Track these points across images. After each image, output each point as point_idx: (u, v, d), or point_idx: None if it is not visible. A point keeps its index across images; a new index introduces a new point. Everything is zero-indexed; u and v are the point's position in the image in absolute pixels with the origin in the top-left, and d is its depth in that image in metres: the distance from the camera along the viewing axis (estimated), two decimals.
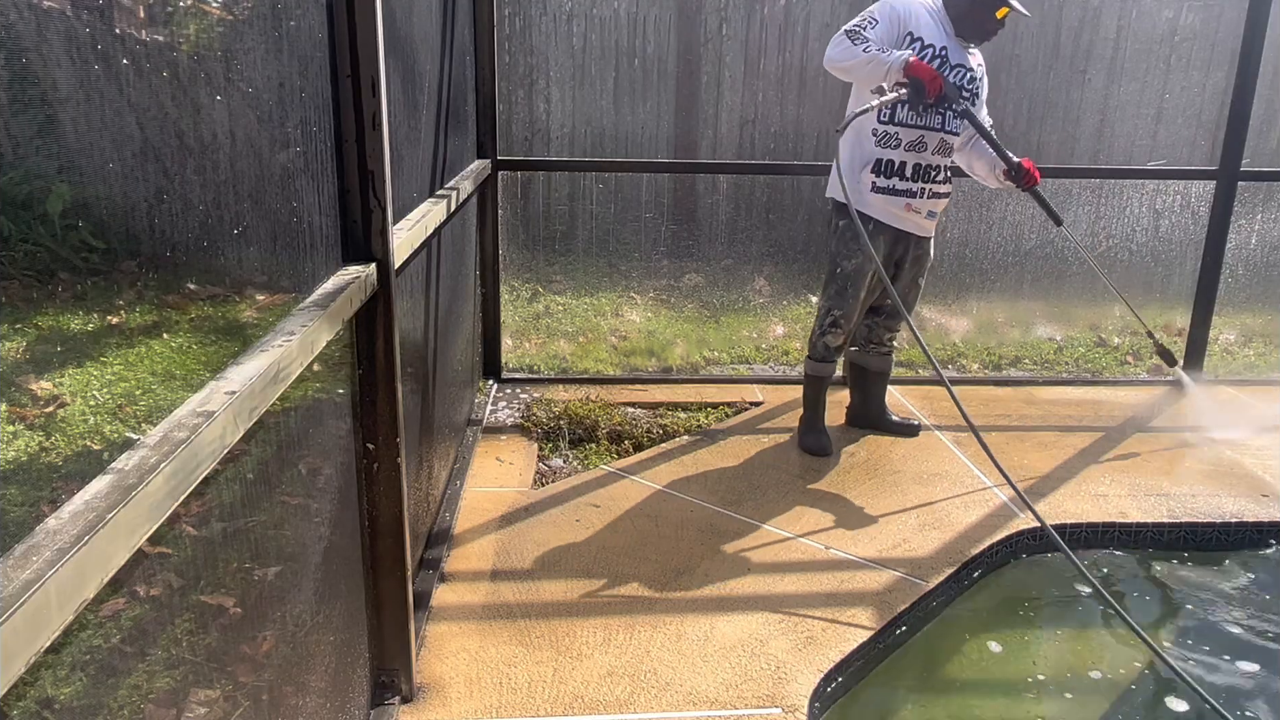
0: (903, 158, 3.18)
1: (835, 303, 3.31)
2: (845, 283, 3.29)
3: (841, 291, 3.30)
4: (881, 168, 3.19)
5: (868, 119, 3.14)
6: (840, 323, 3.32)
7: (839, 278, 3.30)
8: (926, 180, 3.23)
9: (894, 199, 3.21)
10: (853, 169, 3.22)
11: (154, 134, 1.15)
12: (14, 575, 0.76)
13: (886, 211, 3.22)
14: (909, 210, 3.24)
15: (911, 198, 3.23)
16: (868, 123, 3.15)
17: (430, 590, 2.47)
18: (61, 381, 1.87)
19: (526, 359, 4.37)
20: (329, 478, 1.70)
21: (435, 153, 2.74)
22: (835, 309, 3.31)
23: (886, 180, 3.20)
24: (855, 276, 3.28)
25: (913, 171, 3.20)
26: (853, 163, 3.23)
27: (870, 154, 3.20)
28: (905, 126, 3.16)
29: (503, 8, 3.92)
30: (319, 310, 1.47)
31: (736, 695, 2.12)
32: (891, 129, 3.16)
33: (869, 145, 3.19)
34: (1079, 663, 2.38)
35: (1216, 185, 4.18)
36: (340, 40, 1.64)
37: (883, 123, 3.15)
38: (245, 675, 1.35)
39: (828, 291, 3.34)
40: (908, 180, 3.21)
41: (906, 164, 3.19)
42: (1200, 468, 3.40)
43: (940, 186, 3.27)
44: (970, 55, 3.23)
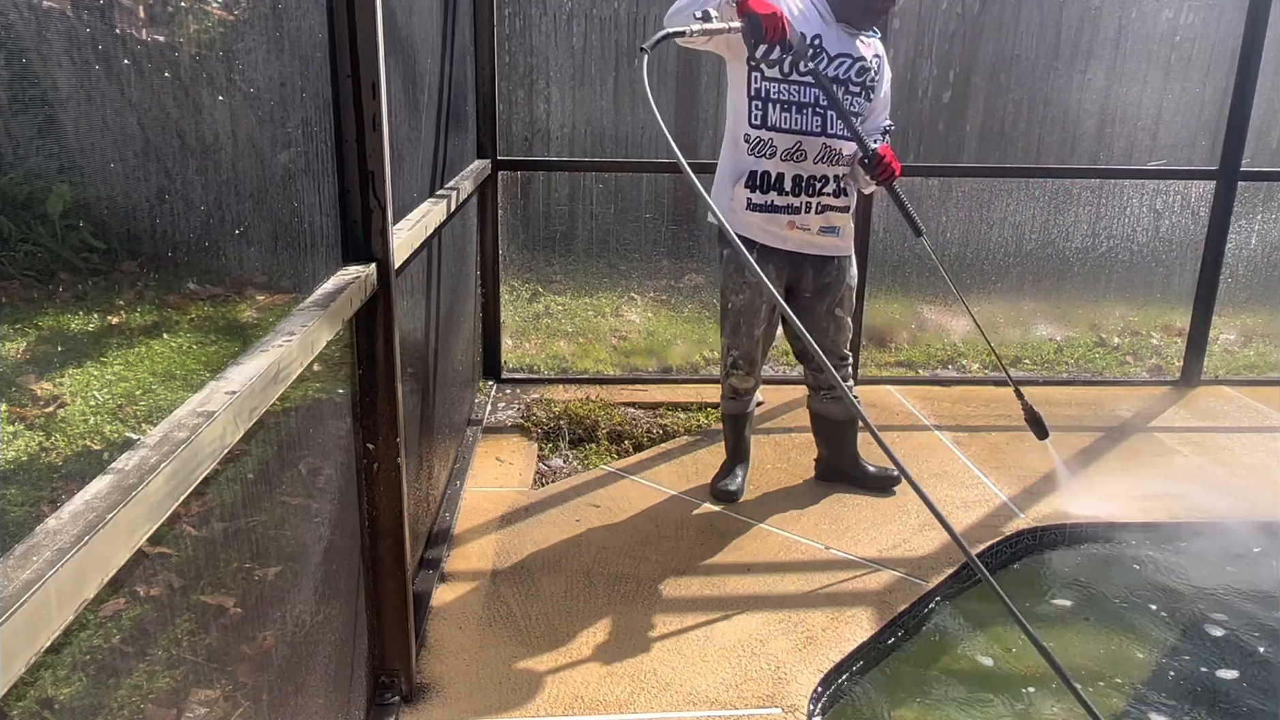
0: (779, 168, 2.73)
1: (731, 340, 2.95)
2: (738, 319, 2.90)
3: (736, 329, 2.92)
4: (756, 181, 2.74)
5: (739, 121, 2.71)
6: (740, 363, 2.97)
7: (730, 314, 2.91)
8: (811, 194, 2.77)
9: (774, 216, 2.78)
10: (724, 184, 2.79)
11: (154, 134, 1.15)
12: (14, 575, 0.76)
13: (767, 232, 2.79)
14: (792, 229, 2.80)
15: (794, 214, 2.78)
16: (738, 127, 2.73)
17: (430, 590, 2.47)
18: (61, 381, 1.87)
19: (526, 359, 4.37)
20: (329, 478, 1.70)
21: (435, 152, 2.74)
22: (733, 348, 2.96)
23: (763, 195, 2.75)
24: (745, 312, 2.88)
25: (792, 184, 2.74)
26: (724, 177, 2.80)
27: (743, 165, 2.75)
28: (779, 132, 2.70)
29: (503, 8, 3.92)
30: (319, 310, 1.47)
31: (736, 695, 2.12)
32: (765, 135, 2.70)
33: (740, 155, 2.75)
34: (1079, 662, 2.38)
35: (1216, 185, 4.19)
36: (340, 40, 1.64)
37: (754, 126, 2.70)
38: (245, 675, 1.35)
39: (724, 328, 2.98)
40: (787, 194, 2.75)
41: (784, 175, 2.73)
42: (1200, 468, 3.40)
43: (832, 199, 2.80)
44: (861, 44, 2.75)
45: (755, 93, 2.69)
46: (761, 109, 2.69)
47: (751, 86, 2.69)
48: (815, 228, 2.81)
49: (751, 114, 2.69)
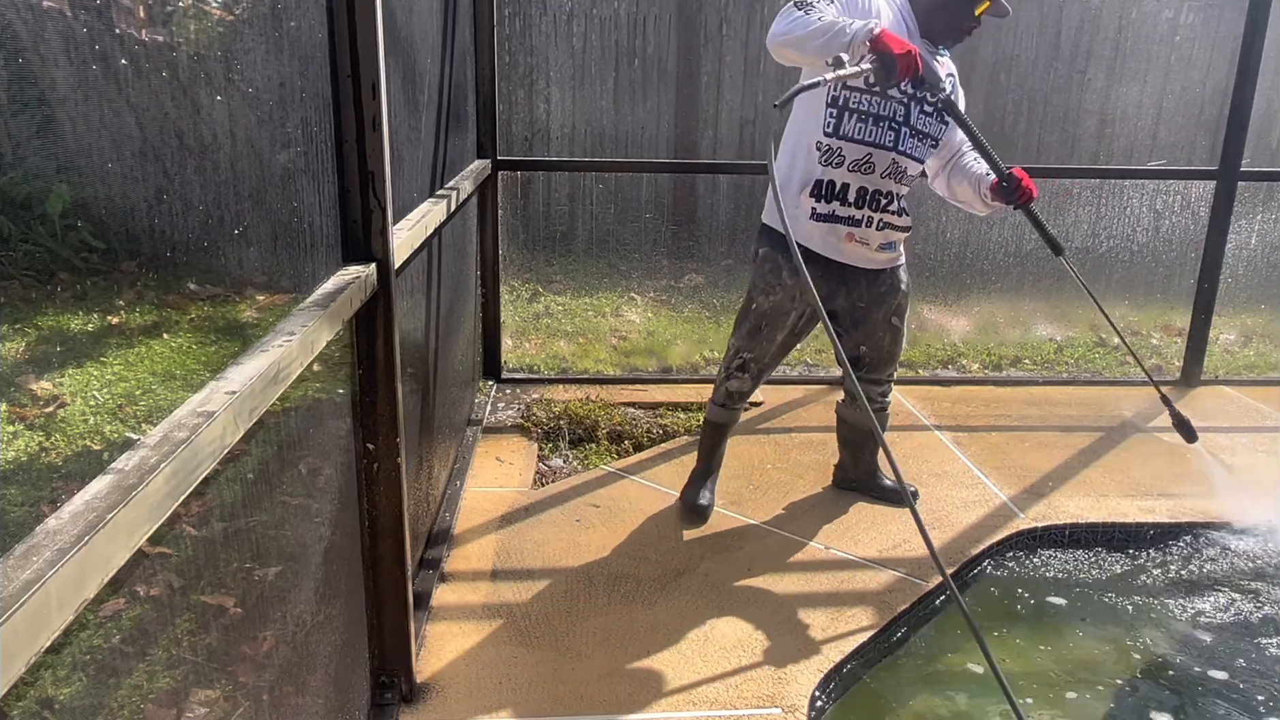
0: (845, 179, 2.64)
1: (746, 343, 2.82)
2: (760, 321, 2.79)
3: (755, 332, 2.80)
4: (822, 190, 2.65)
5: (811, 128, 2.63)
6: (749, 366, 2.85)
7: (753, 315, 2.80)
8: (875, 208, 2.68)
9: (834, 227, 2.69)
10: (789, 191, 2.69)
11: (154, 134, 1.15)
12: (14, 575, 0.76)
13: (826, 243, 2.70)
14: (851, 241, 2.70)
15: (855, 226, 2.69)
16: (809, 135, 2.63)
17: (430, 590, 2.47)
18: (61, 381, 1.87)
19: (526, 359, 4.37)
20: (329, 478, 1.70)
21: (435, 152, 2.74)
22: (745, 350, 2.83)
23: (826, 205, 2.66)
24: (772, 315, 2.78)
25: (856, 196, 2.66)
26: (789, 184, 2.69)
27: (810, 173, 2.65)
28: (851, 142, 2.61)
29: (503, 8, 3.92)
30: (319, 310, 1.47)
31: (736, 695, 2.12)
32: (836, 143, 2.61)
33: (809, 162, 2.65)
34: (1080, 662, 2.38)
35: (1216, 185, 4.19)
36: (340, 40, 1.64)
37: (827, 135, 2.61)
38: (245, 675, 1.35)
39: (739, 329, 2.85)
40: (850, 206, 2.67)
41: (850, 186, 2.64)
42: (1200, 467, 3.40)
43: (895, 218, 2.72)
44: (939, 63, 2.66)
45: (833, 100, 2.59)
46: (837, 117, 2.59)
47: (830, 93, 2.59)
48: (875, 244, 2.72)
49: (826, 121, 2.60)
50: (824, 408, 3.91)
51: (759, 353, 2.83)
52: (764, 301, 2.77)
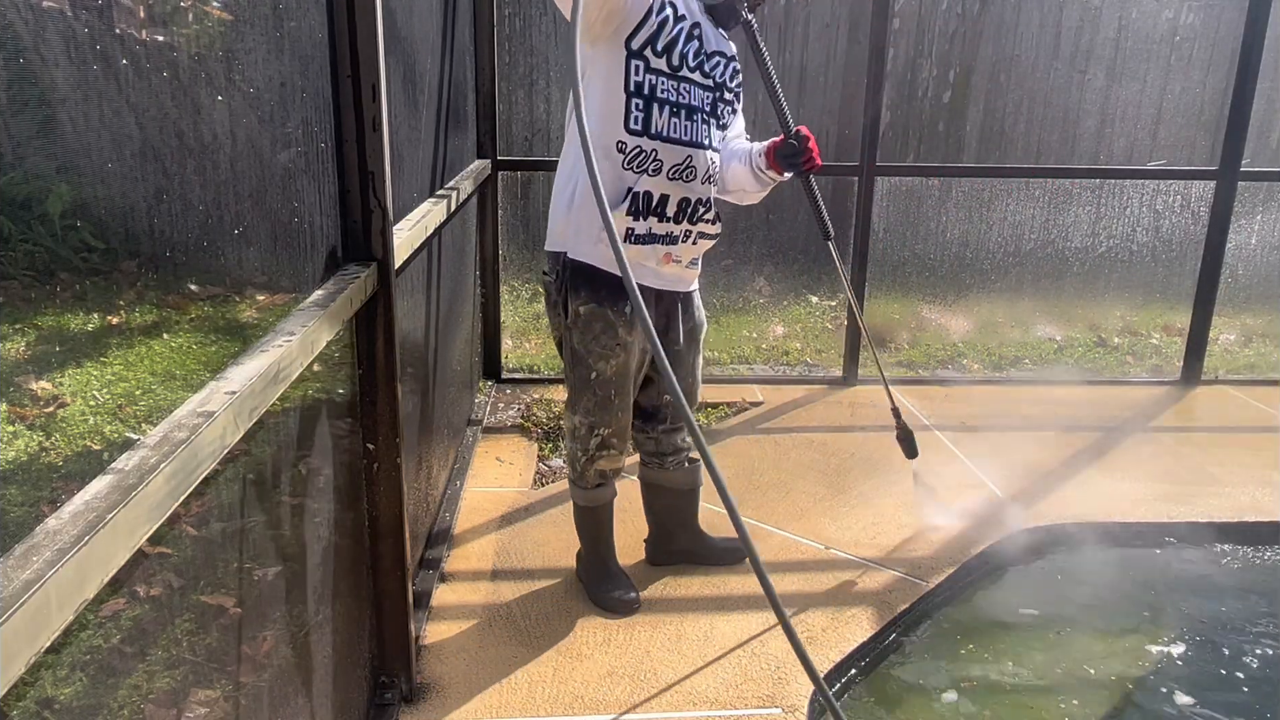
0: (664, 189, 2.17)
1: (598, 418, 2.32)
2: (608, 390, 2.29)
3: (604, 404, 2.30)
4: (639, 205, 2.15)
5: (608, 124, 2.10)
6: (612, 441, 2.36)
7: (596, 385, 2.28)
8: (693, 220, 2.26)
9: (651, 249, 2.22)
10: (585, 209, 2.16)
11: (154, 134, 1.15)
12: (14, 575, 0.76)
13: (643, 269, 2.23)
14: (668, 262, 2.27)
15: (671, 244, 2.24)
16: (607, 133, 2.10)
17: (430, 590, 2.47)
18: (61, 381, 1.87)
19: (526, 359, 4.37)
20: (329, 478, 1.70)
21: (435, 152, 2.74)
22: (600, 426, 2.33)
23: (644, 223, 2.18)
24: (620, 379, 2.29)
25: (676, 209, 2.21)
26: (587, 200, 2.15)
27: (618, 183, 2.13)
28: (667, 143, 2.14)
29: (503, 8, 3.92)
30: (319, 310, 1.47)
31: (736, 695, 2.12)
32: (648, 145, 2.12)
33: (612, 169, 2.12)
34: (1080, 663, 2.38)
35: (1216, 185, 4.18)
36: (340, 41, 1.64)
37: (634, 133, 2.10)
38: (245, 675, 1.35)
39: (581, 404, 2.32)
40: (668, 221, 2.21)
41: (669, 198, 2.18)
42: (1200, 468, 3.40)
43: (709, 227, 2.31)
44: (727, 43, 2.28)
45: (636, 88, 2.09)
46: (644, 110, 2.10)
47: (631, 79, 2.08)
48: (686, 259, 2.31)
49: (630, 116, 2.10)
50: (824, 407, 3.91)
51: (617, 423, 2.35)
52: (606, 367, 2.26)
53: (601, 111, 2.10)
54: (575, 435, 2.39)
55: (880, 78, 3.89)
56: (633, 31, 2.06)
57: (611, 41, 2.06)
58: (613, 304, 2.21)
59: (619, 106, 2.09)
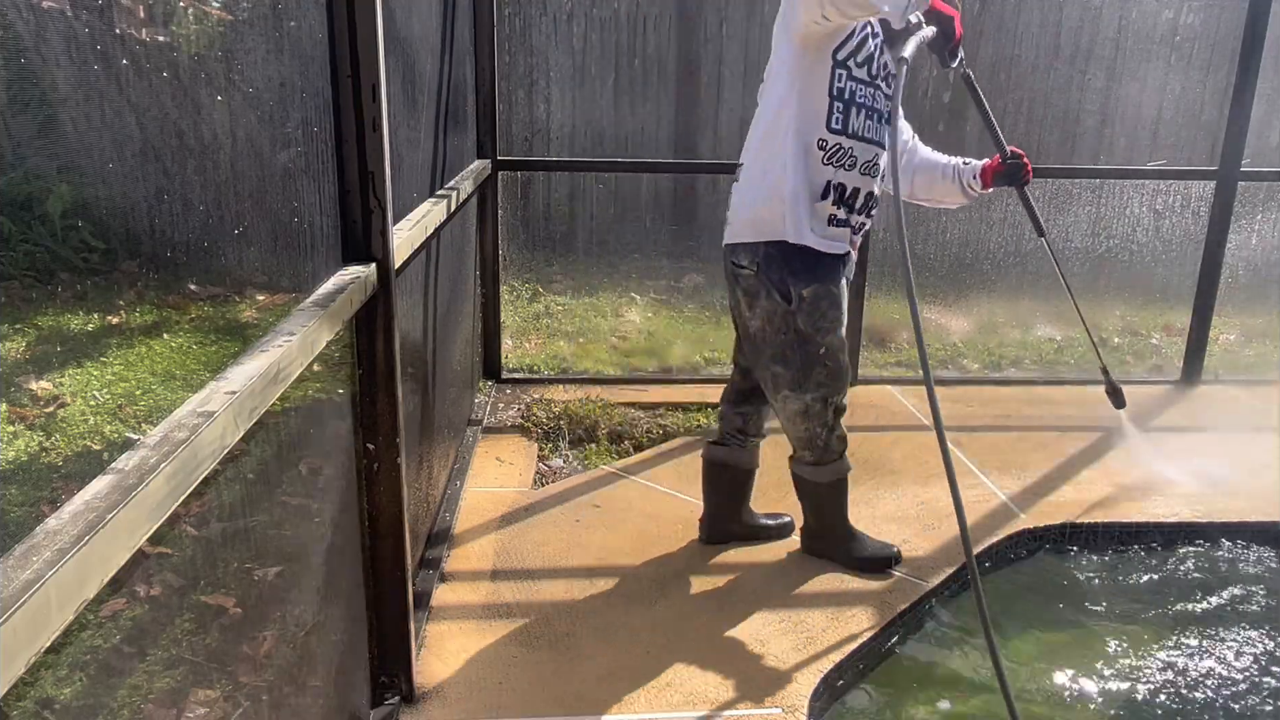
0: (856, 183, 2.42)
1: (831, 388, 2.49)
2: (836, 358, 2.48)
3: (835, 372, 2.48)
4: (838, 196, 2.42)
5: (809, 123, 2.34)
6: (843, 405, 2.54)
7: (825, 358, 2.46)
8: (869, 213, 2.52)
9: (846, 232, 2.49)
10: (798, 199, 2.38)
11: (154, 134, 1.15)
12: (14, 575, 0.76)
13: (842, 246, 2.49)
14: (853, 249, 2.55)
15: (856, 234, 2.52)
16: (808, 131, 2.35)
17: (430, 590, 2.48)
18: (61, 381, 1.87)
19: (526, 359, 4.38)
20: (329, 478, 1.70)
21: (435, 153, 2.74)
22: (834, 395, 2.50)
23: (843, 211, 2.44)
24: (842, 346, 2.51)
25: (861, 201, 2.47)
26: (799, 190, 2.38)
27: (820, 176, 2.39)
28: (861, 141, 2.39)
29: (503, 8, 3.93)
30: (319, 310, 1.47)
31: (736, 695, 2.12)
32: (846, 143, 2.37)
33: (811, 164, 2.38)
34: (1080, 662, 2.38)
35: (1216, 185, 4.18)
36: (340, 41, 1.64)
37: (835, 131, 2.36)
38: (245, 675, 1.35)
39: (811, 381, 2.46)
40: (854, 213, 2.47)
41: (859, 191, 2.44)
42: (1200, 468, 3.40)
43: (871, 222, 2.58)
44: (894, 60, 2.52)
45: (838, 93, 2.35)
46: (844, 112, 2.35)
47: (835, 85, 2.35)
48: (856, 248, 2.57)
49: (832, 116, 2.35)
50: None
51: (844, 386, 2.55)
52: (833, 340, 2.47)
53: (805, 111, 2.35)
54: (810, 414, 2.51)
55: None
56: (840, 44, 2.32)
57: (820, 52, 2.32)
58: (834, 281, 2.44)
59: (822, 108, 2.34)
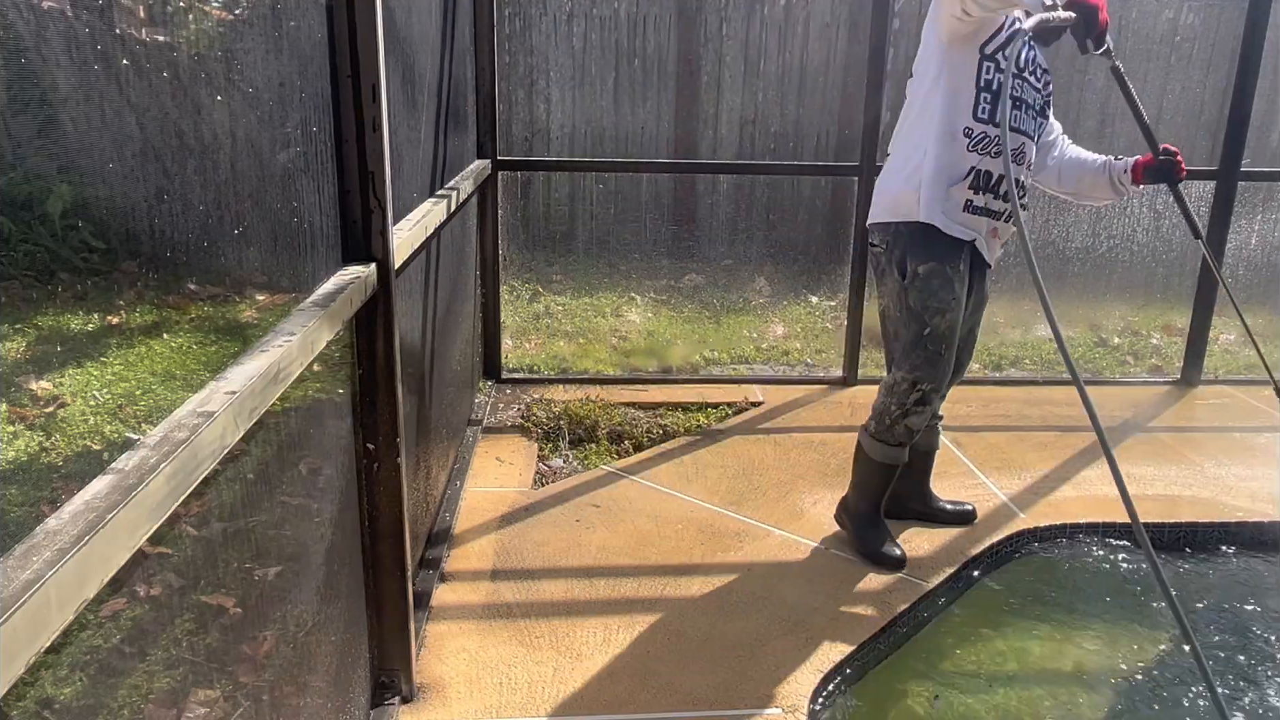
0: (1001, 170, 2.48)
1: (924, 373, 2.53)
2: (939, 345, 2.51)
3: (933, 359, 2.52)
4: (980, 181, 2.48)
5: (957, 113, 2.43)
6: (930, 397, 2.57)
7: (928, 340, 2.51)
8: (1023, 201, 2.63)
9: (985, 221, 2.53)
10: (937, 183, 2.47)
11: (154, 134, 1.15)
12: (14, 575, 0.76)
13: (975, 233, 2.54)
14: (994, 235, 2.58)
15: (996, 219, 2.55)
16: (955, 120, 2.44)
17: (430, 590, 2.48)
18: (61, 381, 1.87)
19: (526, 359, 4.37)
20: (329, 478, 1.70)
21: (435, 153, 2.74)
22: (924, 381, 2.53)
23: (981, 196, 2.49)
24: (950, 334, 2.51)
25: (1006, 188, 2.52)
26: (938, 174, 2.46)
27: (960, 162, 2.46)
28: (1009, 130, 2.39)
29: (503, 8, 3.93)
30: (319, 310, 1.47)
31: (736, 695, 2.12)
32: (992, 131, 2.45)
33: (956, 150, 2.46)
34: (1080, 662, 2.38)
35: (1216, 185, 4.18)
36: (340, 41, 1.64)
37: (981, 120, 2.44)
38: (245, 675, 1.35)
39: (909, 359, 2.54)
40: (1002, 199, 2.51)
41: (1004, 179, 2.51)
42: (1200, 468, 3.40)
43: (1023, 211, 2.61)
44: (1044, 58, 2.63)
45: (985, 84, 2.44)
46: (990, 103, 2.43)
47: (982, 77, 2.44)
48: (1005, 237, 2.62)
49: (979, 106, 2.43)
50: (824, 408, 3.91)
51: (939, 378, 2.55)
52: (940, 322, 2.49)
53: (953, 101, 2.45)
54: (894, 390, 2.59)
55: (880, 78, 3.89)
56: (988, 40, 2.42)
57: (967, 45, 2.42)
58: (951, 262, 2.48)
59: (969, 98, 2.44)
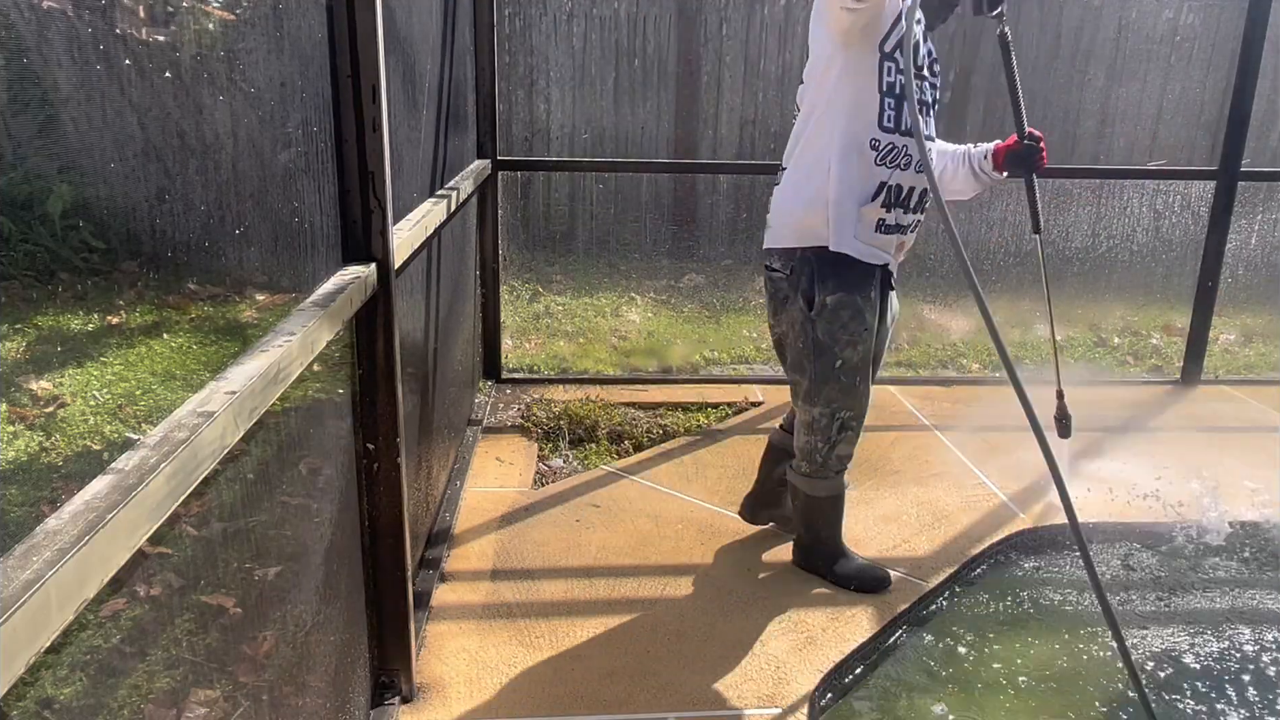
0: (911, 181, 2.31)
1: (841, 403, 2.41)
2: (853, 377, 2.39)
3: (849, 390, 2.40)
4: (891, 197, 2.30)
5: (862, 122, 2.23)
6: (852, 424, 2.45)
7: (841, 373, 2.37)
8: (920, 211, 2.41)
9: (895, 238, 2.38)
10: (844, 204, 2.26)
11: (155, 134, 1.15)
12: (14, 575, 0.76)
13: (884, 255, 2.38)
14: (901, 250, 2.45)
15: (905, 233, 2.40)
16: (861, 131, 2.23)
17: (430, 590, 2.48)
18: (61, 381, 1.87)
19: (526, 359, 4.37)
20: (329, 478, 1.70)
21: (435, 153, 2.74)
22: (843, 411, 2.42)
23: (892, 214, 2.33)
24: (863, 365, 2.39)
25: (916, 200, 2.36)
26: (845, 195, 2.26)
27: (872, 178, 2.27)
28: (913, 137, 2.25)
29: (503, 8, 3.93)
30: (319, 310, 1.47)
31: (736, 695, 2.12)
32: (900, 141, 2.26)
33: (865, 164, 2.26)
34: (1079, 662, 2.38)
35: (1216, 185, 4.18)
36: (340, 41, 1.64)
37: (886, 130, 2.24)
38: (245, 675, 1.35)
39: (824, 394, 2.40)
40: (910, 212, 2.36)
41: (914, 190, 2.33)
42: (1200, 468, 3.40)
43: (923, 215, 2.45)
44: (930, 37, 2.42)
45: (889, 88, 2.22)
46: (896, 109, 2.23)
47: (884, 80, 2.22)
48: (909, 246, 2.47)
49: (884, 115, 2.23)
50: None
51: (859, 406, 2.45)
52: (853, 354, 2.36)
53: (855, 110, 2.23)
54: (814, 428, 2.45)
55: None
56: (885, 36, 2.19)
57: (864, 45, 2.19)
58: (863, 291, 2.32)
59: (873, 106, 2.22)
